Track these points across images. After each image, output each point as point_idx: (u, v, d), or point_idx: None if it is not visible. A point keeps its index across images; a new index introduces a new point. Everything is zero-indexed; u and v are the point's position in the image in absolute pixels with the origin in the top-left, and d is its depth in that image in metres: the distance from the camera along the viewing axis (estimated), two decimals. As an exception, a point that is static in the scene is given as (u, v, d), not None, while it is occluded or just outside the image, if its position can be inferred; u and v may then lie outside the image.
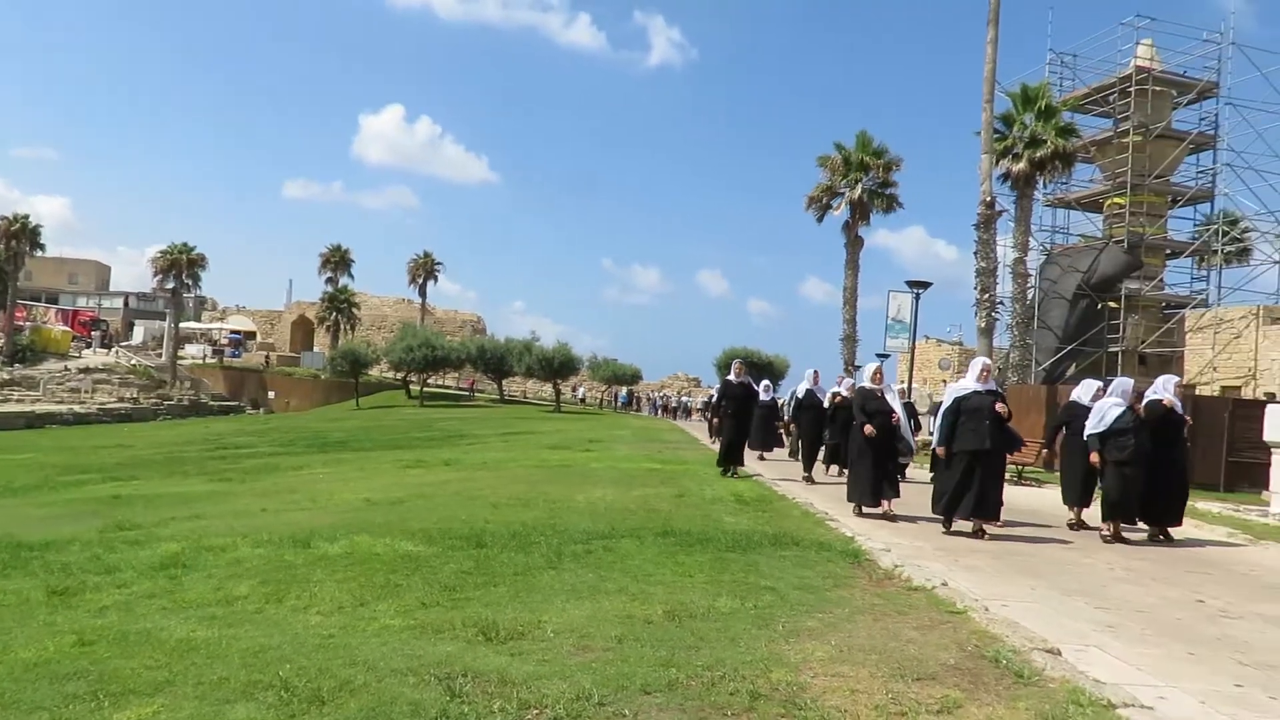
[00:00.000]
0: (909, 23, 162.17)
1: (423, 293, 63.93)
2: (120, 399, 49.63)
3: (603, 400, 60.67)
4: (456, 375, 57.49)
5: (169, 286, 56.01)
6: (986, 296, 22.48)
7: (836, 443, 14.92)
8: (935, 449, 9.07)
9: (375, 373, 55.58)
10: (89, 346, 60.69)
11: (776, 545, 7.33)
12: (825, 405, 14.73)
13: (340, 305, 60.26)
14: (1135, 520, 9.23)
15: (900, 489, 10.34)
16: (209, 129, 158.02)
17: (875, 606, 5.39)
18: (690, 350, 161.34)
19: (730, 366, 14.45)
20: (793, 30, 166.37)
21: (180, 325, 59.15)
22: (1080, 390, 10.31)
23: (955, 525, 9.01)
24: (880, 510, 9.88)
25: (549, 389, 53.04)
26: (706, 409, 31.96)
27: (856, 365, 32.10)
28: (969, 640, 4.66)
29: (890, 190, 31.99)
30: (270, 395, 56.27)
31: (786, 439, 19.78)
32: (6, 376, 47.57)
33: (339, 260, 63.11)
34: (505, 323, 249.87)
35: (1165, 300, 28.77)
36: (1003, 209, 24.36)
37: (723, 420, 13.98)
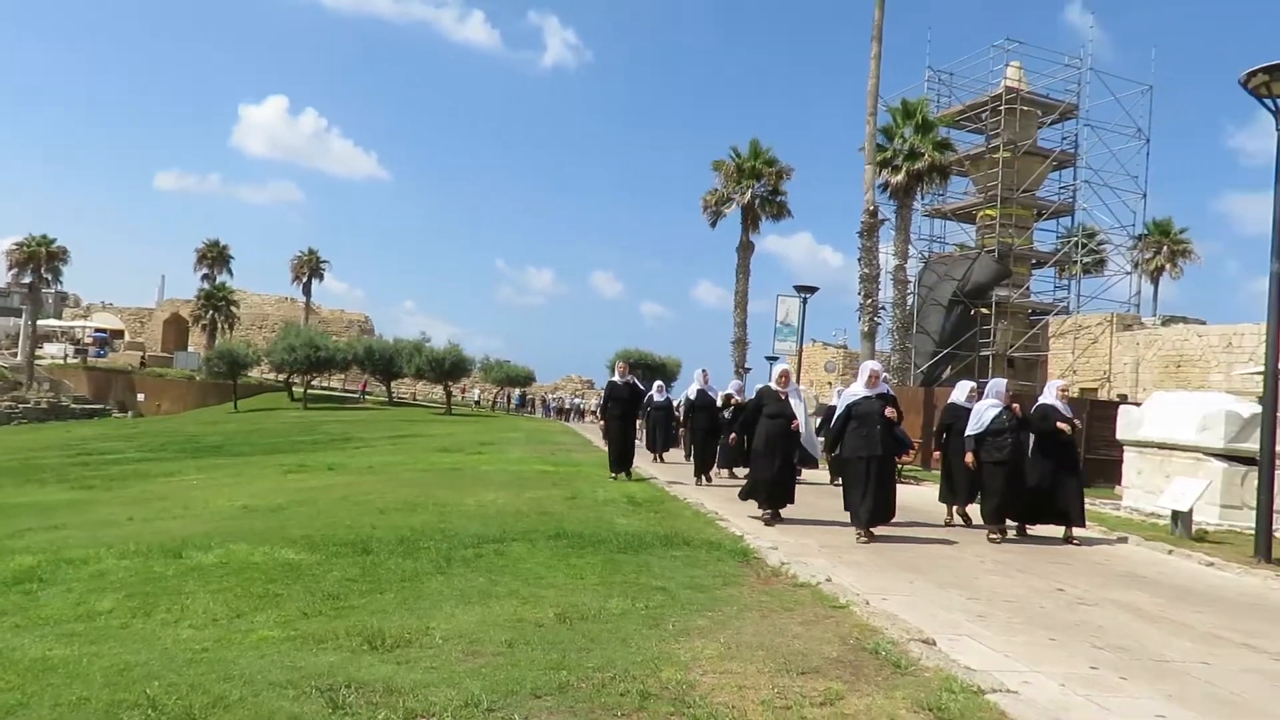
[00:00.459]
0: (799, 34, 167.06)
1: (307, 291, 61.90)
2: (-32, 402, 45.98)
3: (495, 402, 60.00)
4: (343, 377, 55.79)
5: (25, 281, 52.31)
6: (869, 302, 23.36)
7: (733, 443, 15.13)
8: (824, 453, 9.00)
9: (255, 374, 53.35)
10: (-68, 345, 56.06)
11: (668, 545, 7.41)
12: (719, 405, 14.93)
13: (218, 303, 57.70)
14: (1016, 518, 9.49)
15: (795, 495, 10.01)
16: (69, 112, 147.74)
17: (763, 603, 5.52)
18: (584, 352, 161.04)
19: (615, 367, 14.23)
20: (687, 37, 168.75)
21: (38, 323, 55.23)
22: (956, 392, 10.71)
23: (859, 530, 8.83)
24: (767, 514, 9.69)
25: (440, 391, 52.08)
26: (600, 410, 31.96)
27: (747, 367, 32.83)
28: (851, 633, 4.83)
29: (780, 198, 32.90)
30: (139, 398, 53.19)
31: (682, 441, 19.94)
32: None
33: (217, 256, 60.41)
34: (395, 323, 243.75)
35: (1031, 307, 30.53)
36: (884, 218, 25.41)
37: (609, 423, 13.58)
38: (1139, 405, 14.27)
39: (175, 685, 3.67)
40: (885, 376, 9.54)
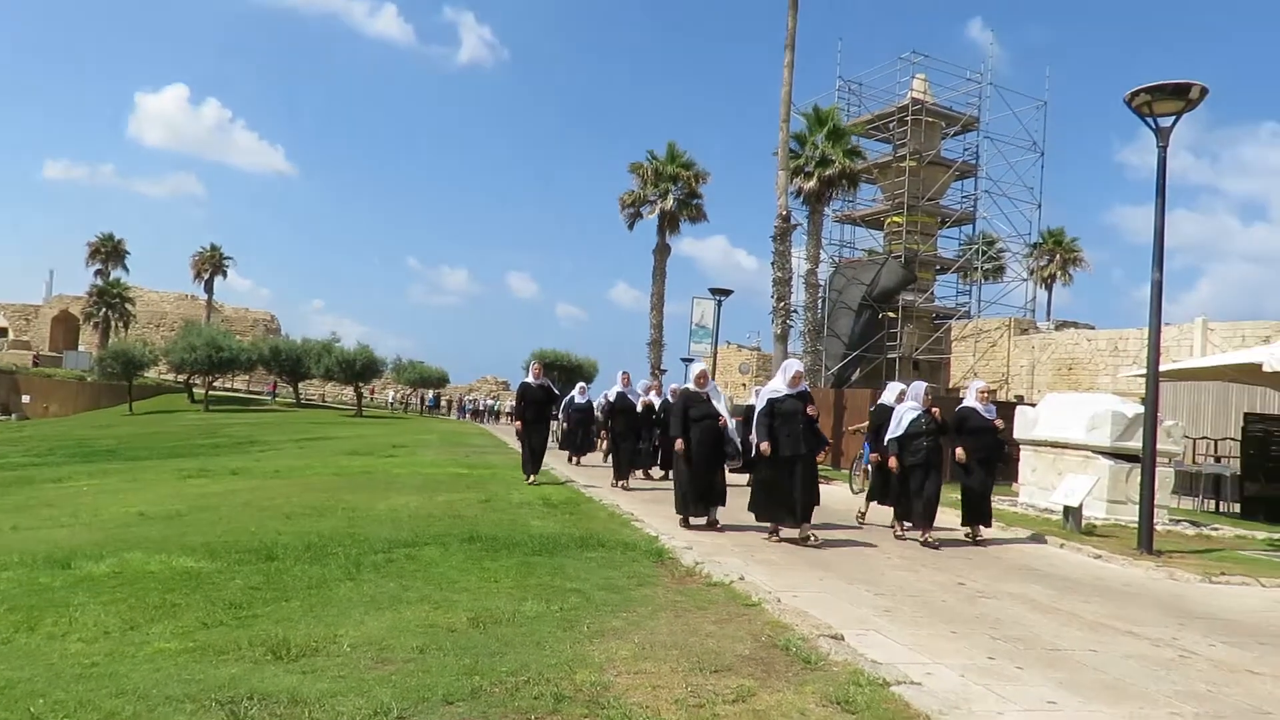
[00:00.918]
0: (717, 40, 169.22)
1: (209, 289, 59.70)
2: None
3: (408, 403, 58.85)
4: (247, 378, 53.90)
5: (-105, 275, 48.91)
6: (782, 305, 23.80)
7: (656, 446, 15.12)
8: (760, 447, 8.68)
9: (153, 375, 51.09)
10: None
11: (583, 547, 7.40)
12: (638, 409, 14.91)
13: (111, 300, 55.07)
14: (933, 520, 9.49)
15: (727, 496, 9.65)
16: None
17: (677, 603, 5.57)
18: (499, 353, 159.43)
19: (529, 368, 13.96)
20: (605, 38, 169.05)
21: (-91, 319, 51.70)
22: (886, 394, 10.79)
23: (783, 533, 8.88)
24: (704, 521, 9.52)
25: (350, 392, 50.80)
26: (514, 412, 31.63)
27: (663, 369, 33.00)
28: (763, 631, 4.92)
29: (697, 201, 33.23)
30: (25, 399, 50.28)
31: (601, 443, 19.80)
32: None
33: (110, 250, 57.70)
34: (303, 322, 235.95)
35: (935, 311, 31.66)
36: (797, 223, 25.92)
37: (523, 425, 13.24)
38: (1034, 406, 14.91)
39: (62, 702, 3.48)
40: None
